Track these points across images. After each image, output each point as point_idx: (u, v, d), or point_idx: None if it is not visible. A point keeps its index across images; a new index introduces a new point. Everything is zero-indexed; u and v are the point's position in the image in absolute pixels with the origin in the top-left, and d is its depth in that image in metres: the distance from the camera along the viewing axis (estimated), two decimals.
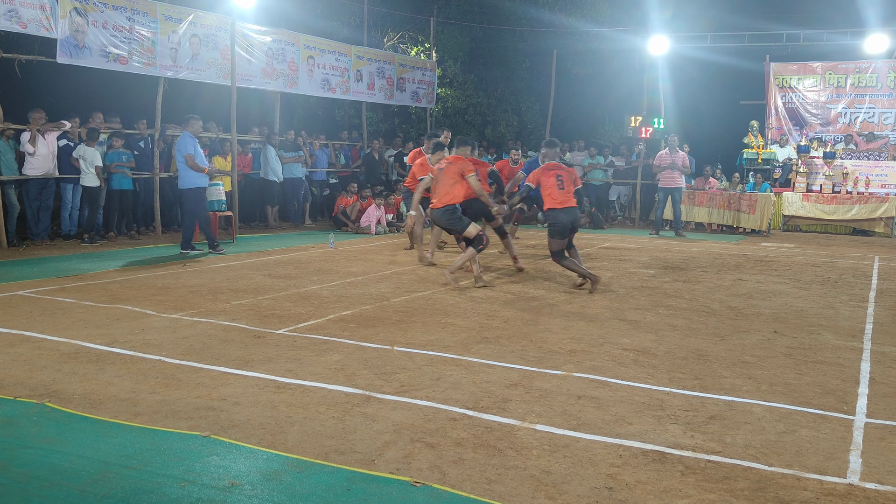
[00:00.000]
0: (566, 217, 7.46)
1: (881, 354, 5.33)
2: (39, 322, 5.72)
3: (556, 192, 7.49)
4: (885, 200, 14.32)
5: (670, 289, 7.90)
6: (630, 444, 3.52)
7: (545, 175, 7.61)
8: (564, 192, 7.49)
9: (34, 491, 2.93)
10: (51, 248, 10.10)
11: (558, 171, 7.60)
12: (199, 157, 9.74)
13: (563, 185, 7.51)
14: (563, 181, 7.53)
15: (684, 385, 4.48)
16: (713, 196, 14.99)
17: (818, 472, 3.25)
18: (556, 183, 7.51)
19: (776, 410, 4.06)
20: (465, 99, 19.57)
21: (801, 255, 11.29)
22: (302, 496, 2.93)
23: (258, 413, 3.83)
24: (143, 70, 11.41)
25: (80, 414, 3.78)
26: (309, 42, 14.59)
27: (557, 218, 7.48)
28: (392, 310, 6.50)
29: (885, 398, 4.32)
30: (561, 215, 7.46)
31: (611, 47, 18.50)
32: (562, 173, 7.58)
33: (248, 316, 6.11)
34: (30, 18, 9.79)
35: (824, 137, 16.52)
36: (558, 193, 7.50)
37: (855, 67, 16.67)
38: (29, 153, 10.22)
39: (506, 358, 4.99)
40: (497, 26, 19.38)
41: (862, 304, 7.24)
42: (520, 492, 3.01)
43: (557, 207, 7.49)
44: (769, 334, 5.89)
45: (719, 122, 19.05)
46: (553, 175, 7.55)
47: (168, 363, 4.71)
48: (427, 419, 3.80)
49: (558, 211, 7.49)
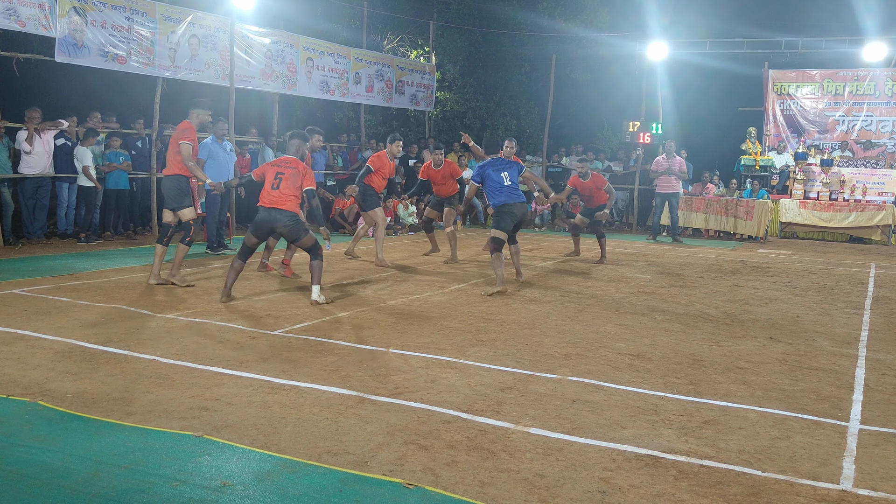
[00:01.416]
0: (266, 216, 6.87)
1: (876, 361, 5.33)
2: (34, 321, 5.71)
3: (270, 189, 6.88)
4: (881, 208, 14.34)
5: (666, 294, 7.90)
6: (624, 449, 3.51)
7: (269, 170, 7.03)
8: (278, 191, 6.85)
9: (25, 489, 2.92)
10: (46, 247, 10.08)
11: (280, 169, 6.96)
12: (213, 161, 9.87)
13: (279, 184, 6.88)
14: (281, 179, 6.91)
15: (679, 390, 4.48)
16: (710, 202, 15.01)
17: (812, 478, 3.25)
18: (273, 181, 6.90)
19: (770, 416, 4.06)
20: (464, 103, 19.59)
21: (798, 261, 11.30)
22: (294, 497, 2.92)
23: (252, 414, 3.82)
24: (141, 70, 11.40)
25: (73, 413, 3.76)
26: (308, 44, 14.59)
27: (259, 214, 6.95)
28: (387, 312, 6.50)
29: (879, 405, 4.32)
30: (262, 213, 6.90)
31: (610, 53, 18.55)
32: (284, 171, 6.95)
33: (243, 316, 6.10)
34: (28, 17, 9.78)
35: (822, 145, 16.56)
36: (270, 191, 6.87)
37: (853, 75, 16.72)
38: (26, 152, 10.20)
39: (501, 361, 4.98)
40: (496, 30, 19.41)
41: (858, 312, 7.24)
42: (513, 495, 3.00)
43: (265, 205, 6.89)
44: (765, 340, 5.89)
45: (717, 129, 19.11)
46: (274, 171, 6.95)
47: (162, 363, 4.69)
48: (421, 421, 3.79)
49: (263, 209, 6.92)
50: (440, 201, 10.42)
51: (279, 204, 6.75)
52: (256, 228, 6.86)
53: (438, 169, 10.14)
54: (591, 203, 10.66)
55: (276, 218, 6.75)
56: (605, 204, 10.55)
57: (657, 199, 14.49)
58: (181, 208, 7.42)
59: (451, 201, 10.35)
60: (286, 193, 6.78)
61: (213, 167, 10.08)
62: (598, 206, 10.60)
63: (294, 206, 6.84)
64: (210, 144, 10.03)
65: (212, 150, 9.97)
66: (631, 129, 16.55)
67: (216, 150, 10.01)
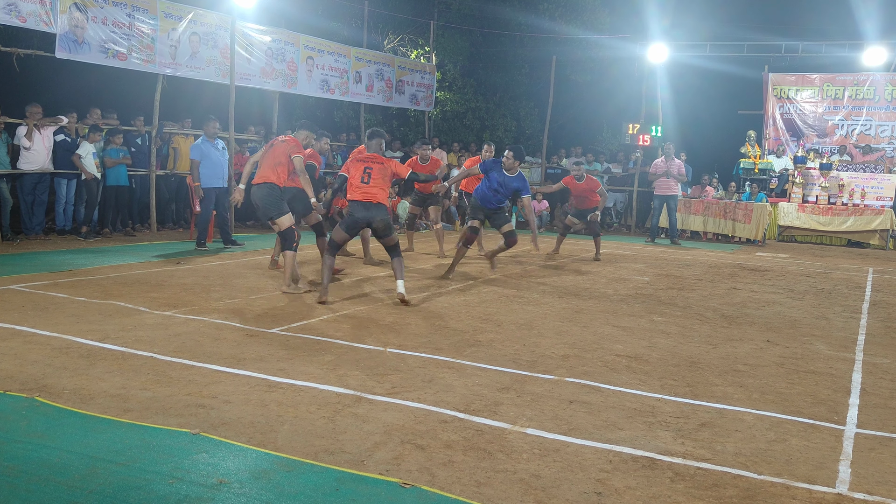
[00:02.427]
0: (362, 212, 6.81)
1: (873, 365, 5.34)
2: (31, 316, 5.70)
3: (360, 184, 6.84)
4: (880, 213, 14.36)
5: (664, 296, 7.91)
6: (620, 450, 3.52)
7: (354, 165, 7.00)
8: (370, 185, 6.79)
9: (22, 485, 2.92)
10: (45, 243, 10.07)
11: (368, 164, 6.90)
12: (208, 162, 9.93)
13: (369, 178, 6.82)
14: (371, 174, 6.83)
15: (676, 392, 4.49)
16: (709, 205, 15.03)
17: (807, 482, 3.26)
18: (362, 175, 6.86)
19: (767, 419, 4.07)
20: (464, 103, 19.59)
21: (796, 265, 11.32)
22: (290, 495, 2.92)
23: (249, 411, 3.82)
24: (141, 67, 11.40)
25: (70, 409, 3.76)
26: (308, 42, 14.59)
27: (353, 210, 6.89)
28: (385, 311, 6.50)
29: (875, 409, 4.32)
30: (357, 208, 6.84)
31: (610, 55, 18.55)
32: (372, 167, 6.86)
33: (240, 314, 6.10)
34: (29, 13, 9.77)
35: (821, 149, 16.57)
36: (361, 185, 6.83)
37: (853, 80, 16.74)
38: (25, 147, 10.20)
39: (498, 361, 4.98)
40: (497, 31, 19.41)
41: (855, 315, 7.25)
42: (509, 495, 3.01)
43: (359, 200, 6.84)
44: (762, 343, 5.89)
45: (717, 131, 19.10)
46: (361, 166, 6.89)
47: (159, 360, 4.69)
48: (418, 421, 3.79)
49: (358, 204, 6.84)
50: (423, 198, 10.42)
51: (375, 198, 6.77)
52: (352, 225, 6.85)
53: (424, 165, 10.18)
54: (584, 205, 11.01)
55: (374, 213, 6.76)
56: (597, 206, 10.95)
57: (656, 201, 14.51)
58: (281, 216, 7.24)
59: (435, 198, 10.39)
60: (379, 187, 6.80)
61: (208, 167, 10.09)
62: (590, 209, 10.96)
63: (387, 201, 6.90)
64: (201, 145, 10.03)
65: (204, 151, 9.98)
66: (630, 132, 16.55)
67: (208, 150, 10.01)
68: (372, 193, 6.76)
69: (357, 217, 6.81)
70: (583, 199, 10.96)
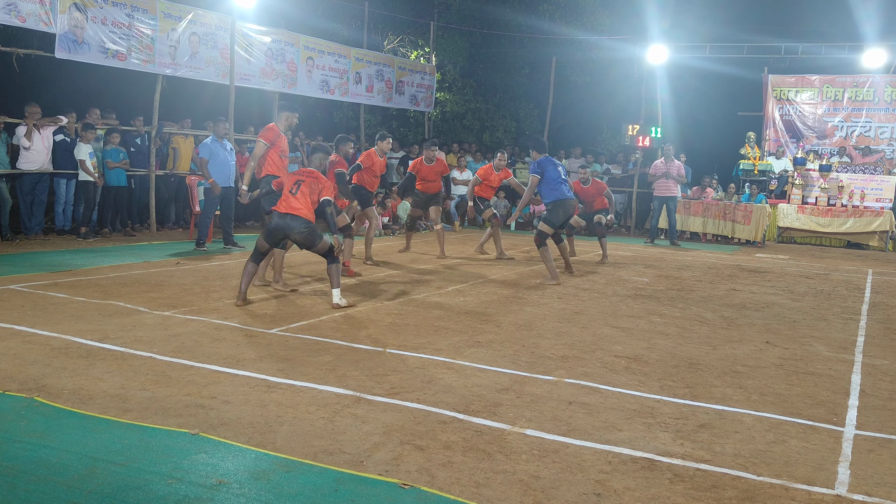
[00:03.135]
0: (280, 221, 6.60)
1: (872, 367, 5.34)
2: (31, 316, 5.70)
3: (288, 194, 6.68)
4: (879, 214, 14.37)
5: (664, 297, 7.91)
6: (619, 451, 3.52)
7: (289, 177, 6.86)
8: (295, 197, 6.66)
9: (21, 485, 2.92)
10: (44, 243, 10.07)
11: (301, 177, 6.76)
12: (216, 161, 9.97)
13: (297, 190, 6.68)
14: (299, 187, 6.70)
15: (675, 393, 4.49)
16: (708, 206, 15.03)
17: (806, 483, 3.26)
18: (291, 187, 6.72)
19: (766, 420, 4.07)
20: (464, 104, 19.60)
21: (795, 266, 11.32)
22: (289, 496, 2.92)
23: (248, 412, 3.82)
24: (141, 67, 11.40)
25: (69, 409, 3.76)
26: (308, 43, 14.60)
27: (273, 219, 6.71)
28: (385, 312, 6.50)
29: (874, 410, 4.33)
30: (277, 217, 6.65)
31: (610, 56, 18.56)
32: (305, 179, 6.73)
33: (240, 315, 6.10)
34: (29, 12, 9.77)
35: (821, 150, 16.58)
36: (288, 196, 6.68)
37: (852, 81, 16.74)
38: (24, 147, 10.20)
39: (497, 362, 4.99)
40: (497, 32, 19.42)
41: (854, 317, 7.26)
42: (508, 496, 3.01)
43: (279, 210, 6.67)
44: (761, 344, 5.90)
45: (716, 133, 19.11)
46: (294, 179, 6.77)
47: (159, 360, 4.69)
48: (417, 421, 3.79)
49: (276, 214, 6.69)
50: (426, 199, 10.43)
51: (295, 211, 6.59)
52: (270, 234, 6.68)
53: (430, 165, 10.20)
54: (591, 208, 11.17)
55: (291, 225, 6.57)
56: (606, 209, 11.13)
57: (655, 202, 14.51)
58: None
59: (436, 200, 10.42)
60: (303, 201, 6.63)
61: (215, 166, 10.14)
62: (597, 210, 11.10)
63: (310, 215, 6.68)
64: (210, 144, 10.08)
65: (213, 150, 10.04)
66: (630, 133, 16.55)
67: (217, 150, 10.07)
68: (295, 207, 6.58)
69: (274, 227, 6.64)
70: (591, 202, 11.13)
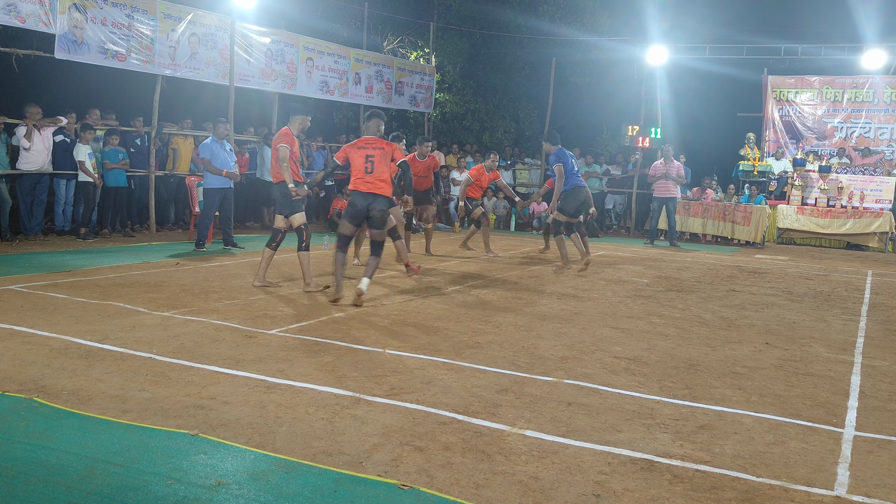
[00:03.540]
0: (361, 201, 6.67)
1: (871, 368, 5.34)
2: (30, 317, 5.70)
3: (362, 172, 6.67)
4: (879, 215, 14.37)
5: (663, 298, 7.91)
6: (619, 452, 3.52)
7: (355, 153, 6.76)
8: (373, 173, 6.64)
9: (20, 486, 2.92)
10: (44, 244, 10.07)
11: (370, 151, 6.67)
12: (217, 160, 9.98)
13: (371, 167, 6.63)
14: (373, 162, 6.64)
15: (675, 394, 4.49)
16: (708, 207, 15.03)
17: (806, 484, 3.26)
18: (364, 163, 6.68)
19: (766, 421, 4.07)
20: (464, 104, 19.60)
21: (795, 267, 11.32)
22: (289, 497, 2.92)
23: (247, 413, 3.82)
24: (141, 67, 11.40)
25: (69, 410, 3.76)
26: (308, 44, 14.60)
27: (354, 199, 6.75)
28: (384, 313, 6.50)
29: (874, 412, 4.33)
30: (357, 197, 6.70)
31: (610, 57, 18.57)
32: (374, 154, 6.64)
33: (239, 316, 6.10)
34: (28, 13, 9.77)
35: (820, 151, 16.59)
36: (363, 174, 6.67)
37: (852, 82, 16.75)
38: (24, 148, 10.20)
39: (497, 363, 4.98)
40: (497, 33, 19.43)
41: (854, 318, 7.26)
42: (507, 497, 3.01)
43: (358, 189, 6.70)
44: (761, 346, 5.90)
45: (716, 134, 19.12)
46: (363, 154, 6.68)
47: (158, 361, 4.69)
48: (416, 422, 3.79)
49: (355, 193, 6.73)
50: (417, 196, 10.46)
51: (379, 189, 6.62)
52: (353, 216, 6.72)
53: (422, 161, 10.30)
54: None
55: (374, 204, 6.61)
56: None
57: (655, 203, 14.51)
58: (293, 213, 7.31)
59: (427, 197, 10.48)
60: (382, 176, 6.64)
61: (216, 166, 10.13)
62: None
63: (389, 190, 6.72)
64: (211, 144, 10.08)
65: (213, 150, 10.03)
66: (630, 133, 16.56)
67: (217, 150, 10.06)
68: (377, 185, 6.63)
69: (358, 205, 6.67)
70: None
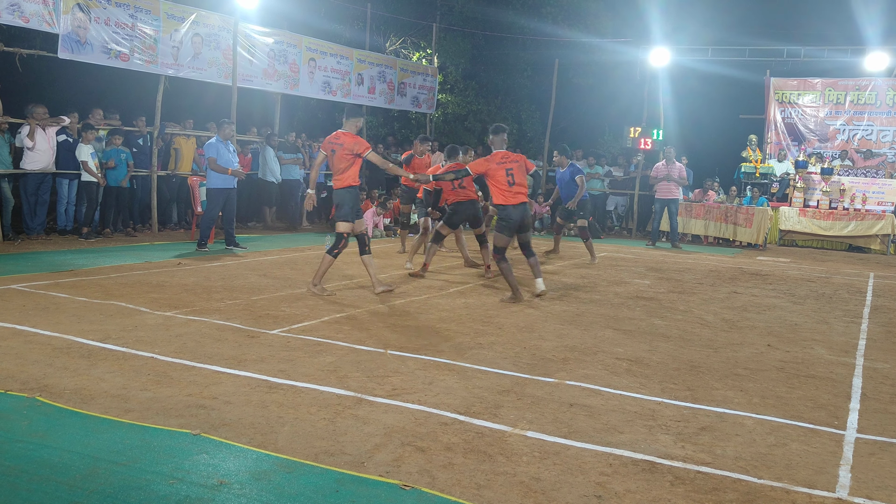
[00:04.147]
0: (517, 212, 7.16)
1: (873, 370, 5.34)
2: (32, 316, 5.71)
3: (506, 186, 7.11)
4: (881, 217, 14.35)
5: (665, 300, 7.91)
6: (620, 453, 3.52)
7: (493, 166, 7.18)
8: (516, 186, 7.14)
9: (23, 485, 2.92)
10: (46, 243, 10.08)
11: (509, 164, 7.16)
12: (222, 160, 10.02)
13: (513, 179, 7.12)
14: (513, 174, 7.13)
15: (676, 396, 4.49)
16: (710, 209, 15.02)
17: (807, 486, 3.26)
18: (506, 177, 7.10)
19: (767, 423, 4.06)
20: (466, 105, 19.61)
21: (797, 269, 11.31)
22: (290, 496, 2.92)
23: (249, 412, 3.83)
24: (144, 67, 11.42)
25: (71, 409, 3.77)
26: (311, 44, 14.62)
27: (509, 213, 7.18)
28: (386, 313, 6.50)
29: (876, 414, 4.32)
30: (513, 210, 7.15)
31: (612, 59, 18.58)
32: (512, 166, 7.14)
33: (242, 316, 6.11)
34: (32, 13, 9.79)
35: (822, 153, 16.58)
36: (508, 188, 7.13)
37: (854, 85, 16.75)
38: (28, 147, 10.21)
39: (499, 364, 4.99)
40: (499, 34, 19.43)
41: (856, 320, 7.25)
42: (508, 498, 3.01)
43: (510, 203, 7.14)
44: (762, 347, 5.89)
45: (718, 135, 19.13)
46: (503, 168, 7.11)
47: (160, 361, 4.70)
48: (418, 423, 3.79)
49: (510, 207, 7.16)
50: (411, 195, 10.53)
51: (527, 198, 7.27)
52: (519, 228, 7.23)
53: (420, 159, 10.41)
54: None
55: (528, 213, 7.28)
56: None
57: (657, 204, 14.50)
58: (358, 218, 7.23)
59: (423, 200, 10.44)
60: (524, 187, 7.21)
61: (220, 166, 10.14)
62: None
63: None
64: (216, 143, 10.06)
65: (218, 149, 10.03)
66: (632, 135, 16.57)
67: (222, 150, 10.05)
68: (522, 194, 7.20)
69: (516, 219, 7.18)
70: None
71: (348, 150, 7.03)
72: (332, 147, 7.17)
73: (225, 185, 10.09)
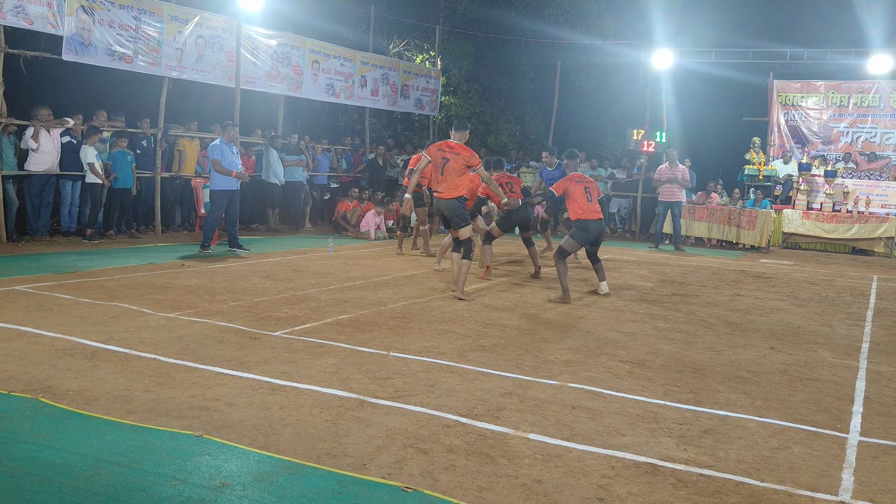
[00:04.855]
0: (596, 227, 7.95)
1: (876, 373, 5.33)
2: (36, 317, 5.72)
3: (586, 202, 7.91)
4: (885, 220, 14.33)
5: (668, 302, 7.90)
6: (623, 456, 3.52)
7: (573, 186, 8.02)
8: (593, 203, 7.98)
9: (26, 486, 2.93)
10: (50, 245, 10.10)
11: (586, 183, 8.05)
12: (226, 162, 10.07)
13: (591, 196, 7.98)
14: (590, 193, 7.99)
15: (679, 398, 4.48)
16: (713, 211, 15.01)
17: (810, 489, 3.25)
18: (584, 194, 7.93)
19: (770, 426, 4.06)
20: (469, 107, 19.62)
21: (800, 272, 11.30)
22: (293, 498, 2.92)
23: (251, 414, 3.83)
24: (147, 69, 11.44)
25: (74, 410, 3.77)
26: (314, 46, 14.64)
27: (588, 226, 7.91)
28: (389, 315, 6.50)
29: (879, 417, 4.31)
30: (592, 224, 7.93)
31: (615, 61, 18.59)
32: (589, 185, 8.05)
33: (244, 317, 6.11)
34: (36, 15, 9.82)
35: (826, 156, 16.55)
36: (588, 204, 7.91)
37: (858, 87, 16.72)
38: (32, 149, 10.23)
39: (501, 366, 4.99)
40: (502, 36, 19.45)
41: (859, 323, 7.24)
42: (511, 500, 3.01)
43: (590, 217, 7.90)
44: (765, 350, 5.88)
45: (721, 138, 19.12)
46: (581, 186, 7.98)
47: (163, 362, 4.70)
48: (420, 425, 3.79)
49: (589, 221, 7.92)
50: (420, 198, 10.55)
51: (602, 214, 8.09)
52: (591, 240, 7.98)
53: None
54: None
55: (602, 227, 8.08)
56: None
57: (660, 207, 14.48)
58: (466, 226, 7.55)
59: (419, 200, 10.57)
60: (598, 203, 8.05)
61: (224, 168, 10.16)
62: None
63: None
64: (220, 145, 10.11)
65: (223, 151, 10.07)
66: (635, 137, 16.54)
67: (226, 152, 10.09)
68: (600, 211, 8.06)
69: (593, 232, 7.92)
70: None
71: (464, 160, 7.41)
72: (443, 155, 7.47)
73: (228, 186, 10.12)
